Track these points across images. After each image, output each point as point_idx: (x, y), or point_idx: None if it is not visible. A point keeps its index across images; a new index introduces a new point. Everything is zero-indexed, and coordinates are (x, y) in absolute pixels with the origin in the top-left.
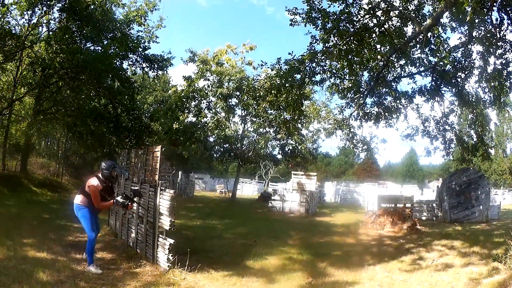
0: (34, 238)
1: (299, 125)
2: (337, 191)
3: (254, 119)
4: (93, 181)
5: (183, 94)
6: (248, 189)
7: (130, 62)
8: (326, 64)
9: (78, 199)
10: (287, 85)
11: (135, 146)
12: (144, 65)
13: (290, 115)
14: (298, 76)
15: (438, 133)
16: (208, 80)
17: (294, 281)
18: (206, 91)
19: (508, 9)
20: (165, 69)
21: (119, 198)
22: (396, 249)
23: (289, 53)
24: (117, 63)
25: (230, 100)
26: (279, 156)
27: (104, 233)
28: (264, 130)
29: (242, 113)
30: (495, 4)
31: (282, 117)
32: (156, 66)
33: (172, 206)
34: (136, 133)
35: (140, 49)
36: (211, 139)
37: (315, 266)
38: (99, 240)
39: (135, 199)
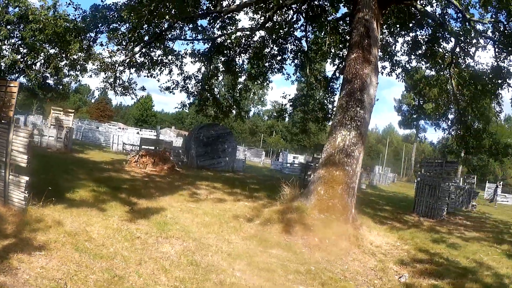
0: None
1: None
2: (79, 128)
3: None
4: None
5: None
6: None
7: None
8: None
9: None
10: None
11: None
12: None
13: (72, 53)
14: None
15: (196, 91)
16: None
17: (118, 209)
18: None
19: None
20: None
21: None
22: (169, 185)
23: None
24: None
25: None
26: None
27: None
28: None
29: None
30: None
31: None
32: None
33: (29, 143)
34: None
35: None
36: None
37: (119, 196)
38: None
39: None
